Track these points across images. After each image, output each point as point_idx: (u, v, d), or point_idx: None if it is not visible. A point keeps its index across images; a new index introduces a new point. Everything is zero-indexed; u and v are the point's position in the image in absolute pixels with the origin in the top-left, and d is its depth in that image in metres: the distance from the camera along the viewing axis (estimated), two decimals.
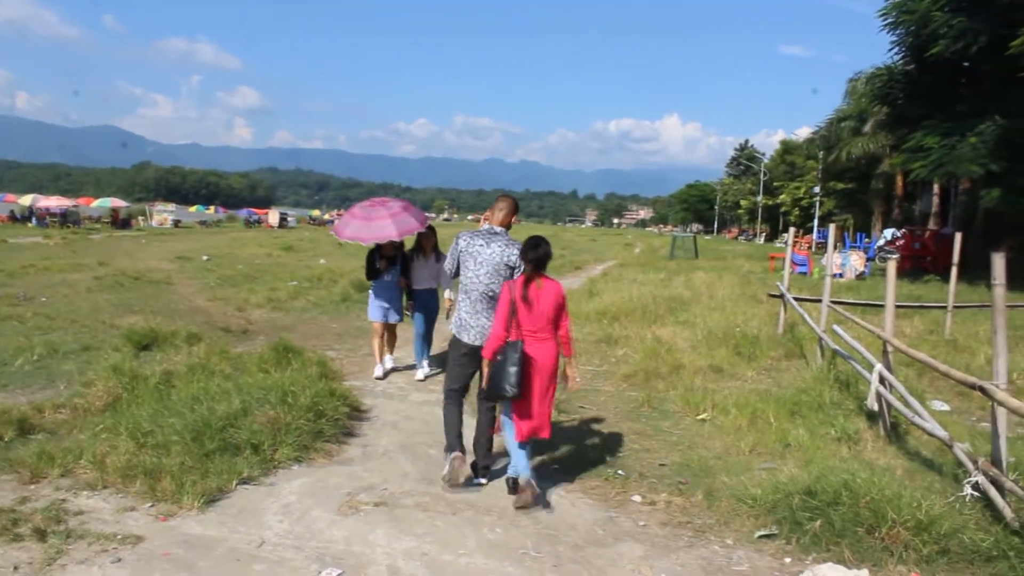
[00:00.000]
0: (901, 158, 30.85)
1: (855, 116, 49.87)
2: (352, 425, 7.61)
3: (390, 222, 9.33)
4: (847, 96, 51.74)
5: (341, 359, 10.82)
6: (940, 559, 4.81)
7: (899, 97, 31.63)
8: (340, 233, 9.55)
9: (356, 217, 9.67)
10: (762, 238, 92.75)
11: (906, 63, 31.05)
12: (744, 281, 23.66)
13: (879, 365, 7.32)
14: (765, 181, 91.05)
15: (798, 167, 79.36)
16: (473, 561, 4.80)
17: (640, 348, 11.51)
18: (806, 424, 7.54)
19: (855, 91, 48.69)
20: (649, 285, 20.85)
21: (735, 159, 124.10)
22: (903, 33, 29.41)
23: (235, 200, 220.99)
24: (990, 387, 5.00)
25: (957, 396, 9.29)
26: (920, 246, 33.61)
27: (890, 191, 50.63)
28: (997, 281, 5.21)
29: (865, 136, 47.42)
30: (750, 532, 5.33)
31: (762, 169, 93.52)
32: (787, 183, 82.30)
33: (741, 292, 19.88)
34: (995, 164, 25.16)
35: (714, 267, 30.69)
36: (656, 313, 14.96)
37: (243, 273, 22.71)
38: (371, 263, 9.94)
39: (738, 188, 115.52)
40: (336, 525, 5.24)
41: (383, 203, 9.78)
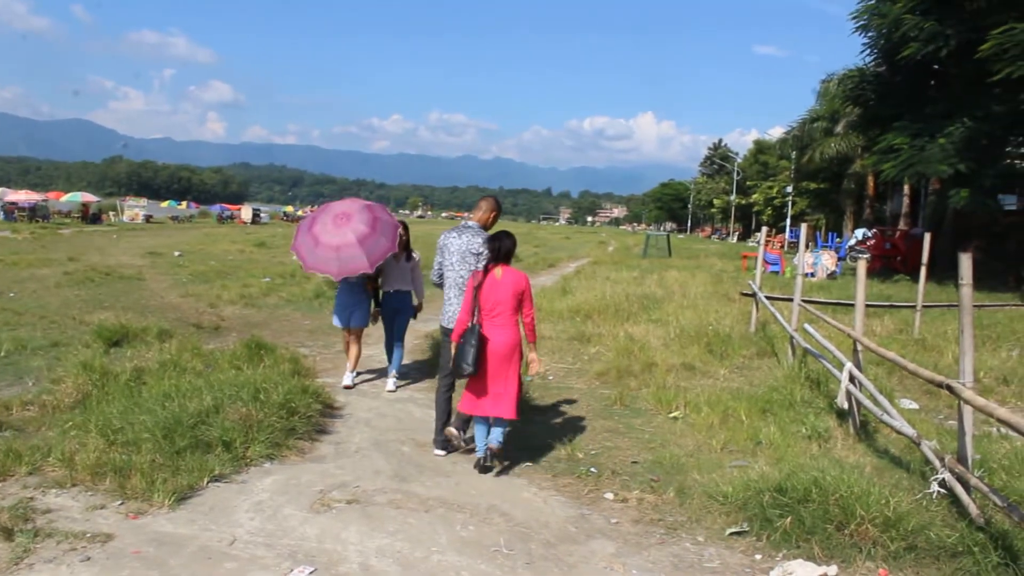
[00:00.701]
0: (872, 159, 31.17)
1: (827, 117, 50.33)
2: (325, 422, 7.59)
3: (360, 252, 8.50)
4: (820, 97, 52.19)
5: (314, 356, 10.77)
6: (907, 555, 4.86)
7: (871, 98, 31.95)
8: (303, 259, 8.81)
9: (320, 243, 8.69)
10: (735, 237, 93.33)
11: (878, 65, 31.38)
12: (717, 280, 23.79)
13: (849, 364, 7.40)
14: (738, 180, 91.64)
15: (771, 167, 79.96)
16: (445, 558, 4.81)
17: (613, 346, 11.55)
18: (777, 422, 7.60)
19: (827, 92, 49.08)
20: (622, 283, 20.92)
21: (709, 158, 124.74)
22: (875, 36, 29.74)
23: (208, 195, 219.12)
24: (957, 385, 5.07)
25: (926, 394, 9.40)
26: (891, 246, 33.97)
27: (862, 191, 51.14)
28: (964, 281, 5.28)
29: (837, 137, 47.89)
30: (721, 529, 5.37)
31: (735, 168, 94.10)
32: (760, 182, 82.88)
33: (714, 291, 19.99)
34: (963, 165, 25.49)
35: (687, 266, 30.84)
36: (629, 311, 15.00)
37: (215, 269, 22.56)
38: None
39: (712, 187, 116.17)
40: (308, 523, 5.23)
41: (347, 218, 8.80)
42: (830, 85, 47.28)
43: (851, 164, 48.72)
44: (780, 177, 74.42)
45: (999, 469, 6.07)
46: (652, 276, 23.79)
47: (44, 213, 53.77)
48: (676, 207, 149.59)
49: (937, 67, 28.59)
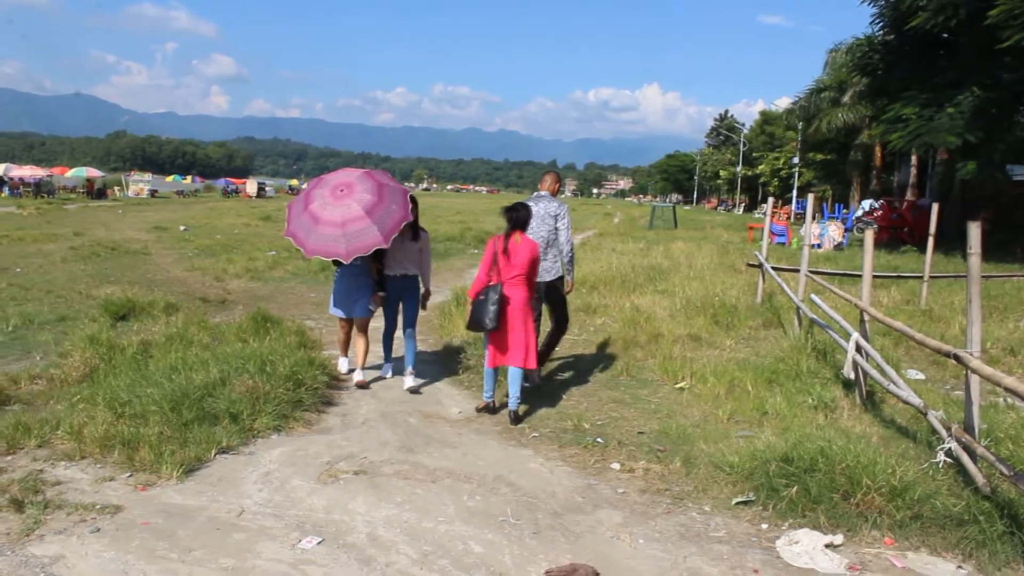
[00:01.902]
0: (879, 129, 30.95)
1: (834, 87, 49.86)
2: (331, 394, 7.63)
3: (370, 223, 7.28)
4: (827, 67, 51.74)
5: (320, 328, 10.78)
6: (913, 524, 4.87)
7: (878, 68, 31.67)
8: (302, 243, 7.52)
9: (314, 219, 7.48)
10: (741, 208, 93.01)
11: (886, 34, 31.07)
12: (723, 251, 23.74)
13: (856, 334, 7.38)
14: (744, 151, 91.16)
15: (777, 138, 79.42)
16: (453, 528, 4.84)
17: (619, 317, 11.55)
18: (783, 392, 7.60)
19: (834, 62, 48.70)
20: (628, 255, 20.88)
21: (715, 129, 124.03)
22: (884, 5, 29.43)
23: (212, 170, 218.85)
24: (964, 355, 5.05)
25: (932, 365, 9.39)
26: (898, 217, 33.82)
27: (869, 162, 50.81)
28: (972, 251, 5.25)
29: (844, 107, 47.45)
30: (728, 499, 5.38)
31: (742, 139, 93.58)
32: (766, 154, 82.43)
33: (720, 262, 19.95)
34: (971, 135, 25.29)
35: (693, 237, 30.76)
36: (635, 282, 14.99)
37: (221, 243, 22.58)
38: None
39: (718, 158, 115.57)
40: (316, 494, 5.26)
41: (347, 188, 7.61)
42: (837, 55, 46.95)
43: (858, 135, 48.36)
44: (786, 148, 73.98)
45: (1005, 439, 6.06)
46: (658, 247, 23.74)
47: (49, 188, 53.71)
48: (682, 179, 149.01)
49: (946, 36, 28.30)
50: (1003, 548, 4.59)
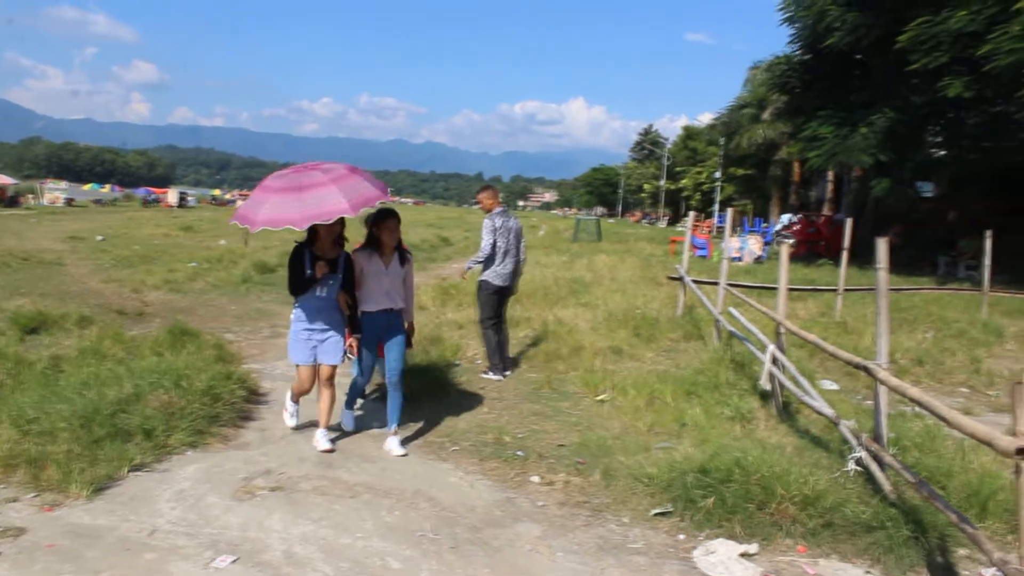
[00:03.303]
0: (797, 146, 31.85)
1: (755, 104, 51.15)
2: (250, 409, 7.49)
3: (334, 189, 5.84)
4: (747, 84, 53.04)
5: (240, 342, 10.60)
6: (825, 532, 5.00)
7: (796, 87, 32.59)
8: (250, 220, 5.94)
9: (273, 191, 6.03)
10: (665, 222, 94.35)
11: (803, 54, 31.99)
12: (645, 264, 24.05)
13: (772, 346, 7.54)
14: (668, 166, 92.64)
15: (700, 152, 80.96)
16: (371, 544, 4.79)
17: (541, 330, 11.60)
18: (702, 404, 7.71)
19: (755, 79, 49.99)
20: (552, 267, 21.02)
21: (639, 143, 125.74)
22: (801, 25, 30.29)
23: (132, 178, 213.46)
24: (873, 366, 5.21)
25: (846, 376, 9.62)
26: (815, 231, 34.73)
27: (787, 177, 52.14)
28: (880, 265, 5.42)
29: (764, 123, 48.69)
30: (646, 510, 5.43)
31: (665, 154, 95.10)
32: (689, 168, 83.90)
33: (642, 275, 20.20)
34: (883, 155, 26.22)
35: (616, 250, 31.07)
36: (558, 295, 15.08)
37: (140, 254, 22.03)
38: (298, 266, 6.34)
39: (642, 172, 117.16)
40: (231, 511, 5.15)
41: (315, 166, 6.26)
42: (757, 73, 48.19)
43: (777, 151, 49.63)
44: (709, 163, 75.43)
45: (912, 447, 6.28)
46: (582, 260, 23.94)
47: None
48: (607, 192, 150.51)
49: (860, 57, 29.25)
50: (908, 553, 4.75)
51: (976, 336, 12.80)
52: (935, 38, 22.72)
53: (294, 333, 6.54)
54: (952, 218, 32.78)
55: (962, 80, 23.24)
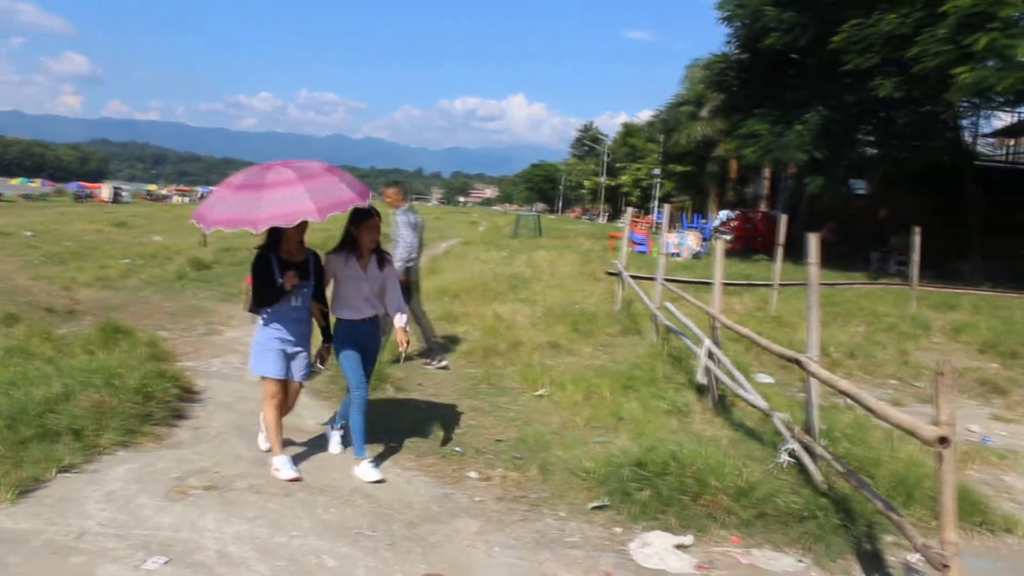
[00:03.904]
0: (734, 143, 32.28)
1: (693, 101, 51.69)
2: (183, 407, 7.32)
3: (301, 190, 5.25)
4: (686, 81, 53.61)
5: (174, 339, 10.38)
6: (758, 522, 5.08)
7: (733, 85, 33.07)
8: (204, 218, 5.42)
9: (234, 188, 5.47)
10: (604, 218, 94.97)
11: (740, 53, 32.47)
12: (584, 259, 24.17)
13: (708, 340, 7.64)
14: (608, 162, 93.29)
15: (639, 149, 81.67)
16: (307, 542, 4.73)
17: (480, 325, 11.58)
18: (639, 398, 7.78)
19: (693, 77, 50.52)
20: (491, 263, 21.02)
21: (579, 140, 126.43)
22: (738, 24, 30.76)
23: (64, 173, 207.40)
24: (804, 359, 5.30)
25: (780, 369, 9.77)
26: (752, 227, 35.31)
27: (725, 174, 52.84)
28: (811, 260, 5.52)
29: (702, 121, 49.23)
30: (583, 504, 5.46)
31: (605, 150, 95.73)
32: (629, 164, 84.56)
33: (581, 270, 20.31)
34: (818, 152, 26.78)
35: (556, 246, 31.19)
36: (497, 291, 15.08)
37: (71, 250, 21.43)
38: (266, 275, 5.73)
39: (582, 168, 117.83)
40: (163, 511, 5.04)
41: (287, 163, 5.66)
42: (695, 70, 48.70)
43: (715, 148, 50.20)
44: (648, 159, 76.12)
45: (842, 437, 6.42)
46: (521, 256, 23.98)
47: None
48: (547, 188, 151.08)
49: (795, 57, 29.78)
50: (838, 541, 4.86)
51: (905, 330, 13.13)
52: (867, 39, 23.27)
53: (264, 342, 5.79)
54: (884, 215, 33.58)
55: (892, 81, 23.85)
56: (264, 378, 5.85)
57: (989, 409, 9.06)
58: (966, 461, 6.79)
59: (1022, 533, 5.33)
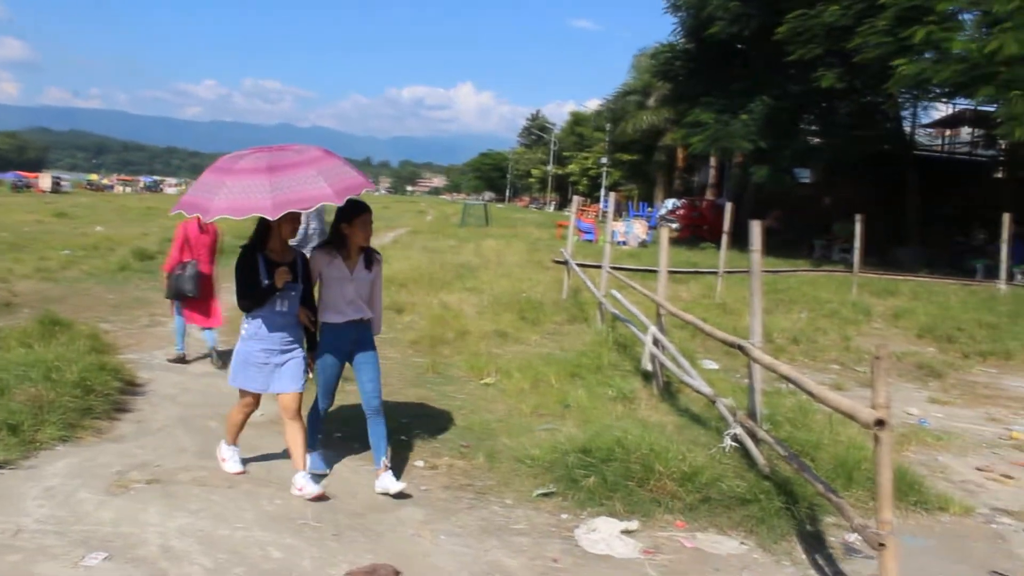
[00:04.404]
0: (681, 132, 32.61)
1: (640, 91, 52.03)
2: (125, 400, 7.19)
3: (313, 172, 4.89)
4: (633, 71, 53.90)
5: (116, 331, 10.19)
6: (702, 506, 5.14)
7: (680, 74, 33.37)
8: (202, 207, 4.83)
9: (234, 173, 4.91)
10: (552, 207, 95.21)
11: (687, 43, 32.75)
12: (532, 248, 24.23)
13: (653, 327, 7.70)
14: (555, 151, 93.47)
15: (587, 138, 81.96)
16: (251, 534, 4.67)
17: (427, 315, 11.55)
18: (586, 385, 7.82)
19: (640, 66, 50.83)
20: (439, 252, 20.98)
21: (527, 129, 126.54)
22: (684, 14, 31.02)
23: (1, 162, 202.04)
24: (747, 345, 5.37)
25: (726, 355, 9.87)
26: (698, 215, 35.68)
27: (672, 163, 53.27)
28: (754, 247, 5.59)
29: (649, 110, 49.57)
30: (529, 491, 5.47)
31: (553, 139, 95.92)
32: (576, 153, 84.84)
33: (528, 259, 20.35)
34: (763, 141, 27.15)
35: (504, 235, 31.21)
36: (444, 280, 15.05)
37: (8, 241, 20.90)
38: (252, 274, 5.24)
39: (530, 157, 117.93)
40: (104, 506, 4.93)
41: (284, 147, 5.19)
42: (643, 59, 49.00)
43: (662, 137, 50.58)
44: (595, 148, 76.42)
45: (785, 422, 6.53)
46: (469, 245, 23.96)
47: None
48: (495, 177, 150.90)
49: (741, 47, 30.12)
50: (780, 523, 4.93)
51: (847, 315, 13.39)
52: (810, 31, 23.63)
53: (246, 353, 5.35)
54: (827, 203, 34.14)
55: (835, 71, 24.25)
56: (242, 391, 5.54)
57: (926, 392, 9.27)
58: (904, 443, 6.94)
59: (955, 511, 5.47)
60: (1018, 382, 10.03)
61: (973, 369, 10.60)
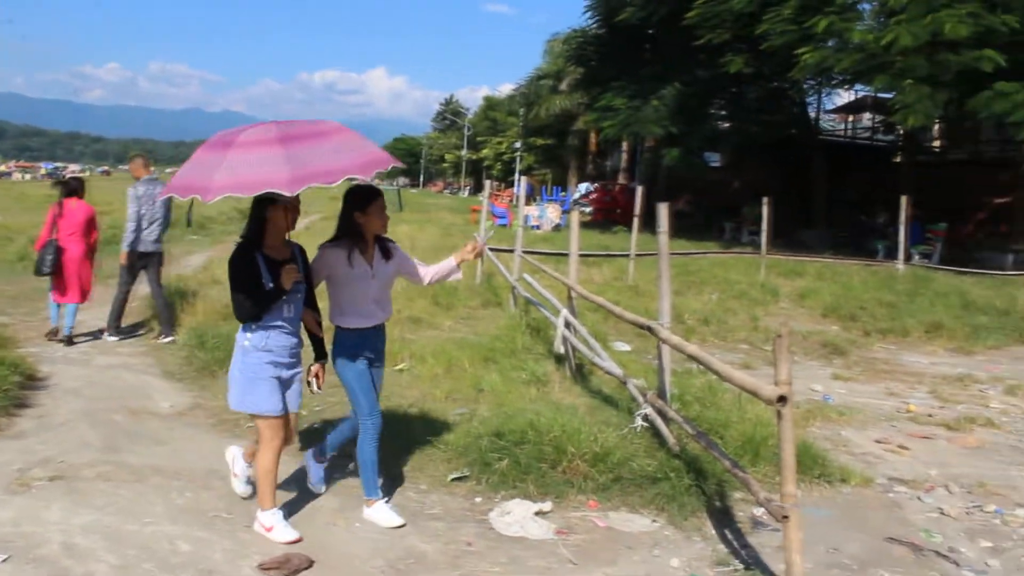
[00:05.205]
0: (593, 117, 32.85)
1: (553, 75, 52.22)
2: (26, 395, 6.94)
3: (332, 145, 4.25)
4: (546, 55, 54.07)
5: (15, 324, 9.83)
6: (614, 486, 5.22)
7: (592, 59, 33.61)
8: (200, 187, 4.04)
9: (235, 147, 4.15)
10: (467, 191, 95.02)
11: (599, 27, 32.97)
12: (446, 233, 24.12)
13: (565, 311, 7.76)
14: (469, 136, 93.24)
15: (501, 123, 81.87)
16: (160, 529, 4.57)
17: None
18: (499, 369, 7.83)
19: (553, 51, 51.00)
20: None
21: (441, 114, 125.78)
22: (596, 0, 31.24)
23: None
24: (655, 326, 5.45)
25: (638, 337, 9.99)
26: (611, 199, 36.04)
27: (584, 147, 53.66)
28: (661, 229, 5.68)
29: (562, 95, 49.81)
30: (443, 476, 5.47)
31: (466, 124, 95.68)
32: (490, 138, 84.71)
33: (442, 244, 20.24)
34: (673, 126, 27.57)
35: (418, 219, 31.00)
36: None
37: None
38: (252, 275, 4.39)
39: (444, 142, 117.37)
40: (4, 506, 4.76)
41: (287, 122, 4.42)
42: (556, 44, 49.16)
43: (575, 121, 50.85)
44: (509, 133, 76.45)
45: (694, 401, 6.66)
46: None
47: None
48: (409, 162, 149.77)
49: (651, 32, 30.47)
50: (690, 500, 5.04)
51: (755, 296, 13.72)
52: (718, 16, 24.04)
53: (254, 368, 4.46)
54: (736, 187, 34.88)
55: (743, 57, 24.74)
56: (258, 417, 4.57)
57: (830, 369, 9.57)
58: (809, 418, 7.16)
59: (855, 482, 5.67)
60: (915, 357, 10.44)
61: (874, 346, 10.99)
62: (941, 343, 11.23)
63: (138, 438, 6.12)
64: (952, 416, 7.61)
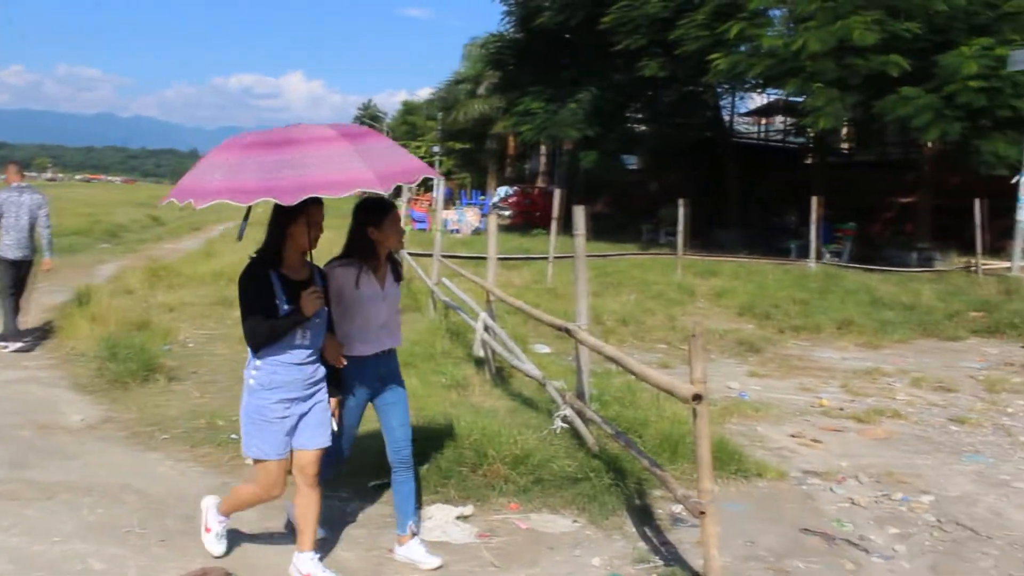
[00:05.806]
0: (511, 121, 33.02)
1: (471, 79, 52.21)
2: None
3: (348, 149, 3.58)
4: (464, 59, 54.07)
5: None
6: (535, 488, 5.23)
7: (509, 63, 33.78)
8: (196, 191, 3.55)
9: (238, 148, 3.66)
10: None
11: (516, 32, 33.16)
12: None
13: (484, 314, 7.77)
14: None
15: (419, 127, 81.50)
16: (70, 547, 4.42)
17: None
18: (419, 374, 7.77)
19: (471, 55, 51.05)
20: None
21: (359, 118, 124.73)
22: (512, 3, 31.39)
23: None
24: (573, 327, 5.49)
25: (558, 339, 10.03)
26: (530, 203, 36.21)
27: (503, 151, 53.82)
28: (578, 231, 5.72)
29: (480, 98, 49.79)
30: (364, 483, 5.42)
31: (385, 128, 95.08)
32: (409, 142, 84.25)
33: None
34: (590, 129, 27.88)
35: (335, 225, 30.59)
36: None
37: None
38: (265, 298, 3.93)
39: None
40: None
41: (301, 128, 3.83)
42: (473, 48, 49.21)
43: (493, 125, 50.89)
44: (427, 137, 76.19)
45: (612, 401, 6.74)
46: None
47: None
48: None
49: (568, 37, 30.75)
50: (610, 499, 5.09)
51: (673, 296, 13.94)
52: (634, 21, 24.42)
53: (260, 410, 4.02)
54: (654, 189, 35.39)
55: (658, 61, 25.15)
56: (258, 460, 4.14)
57: (746, 366, 9.78)
58: (725, 415, 7.30)
59: (771, 476, 5.80)
60: (827, 353, 10.75)
61: (787, 343, 11.27)
62: (851, 338, 11.58)
63: (47, 454, 5.91)
64: (862, 409, 7.85)
